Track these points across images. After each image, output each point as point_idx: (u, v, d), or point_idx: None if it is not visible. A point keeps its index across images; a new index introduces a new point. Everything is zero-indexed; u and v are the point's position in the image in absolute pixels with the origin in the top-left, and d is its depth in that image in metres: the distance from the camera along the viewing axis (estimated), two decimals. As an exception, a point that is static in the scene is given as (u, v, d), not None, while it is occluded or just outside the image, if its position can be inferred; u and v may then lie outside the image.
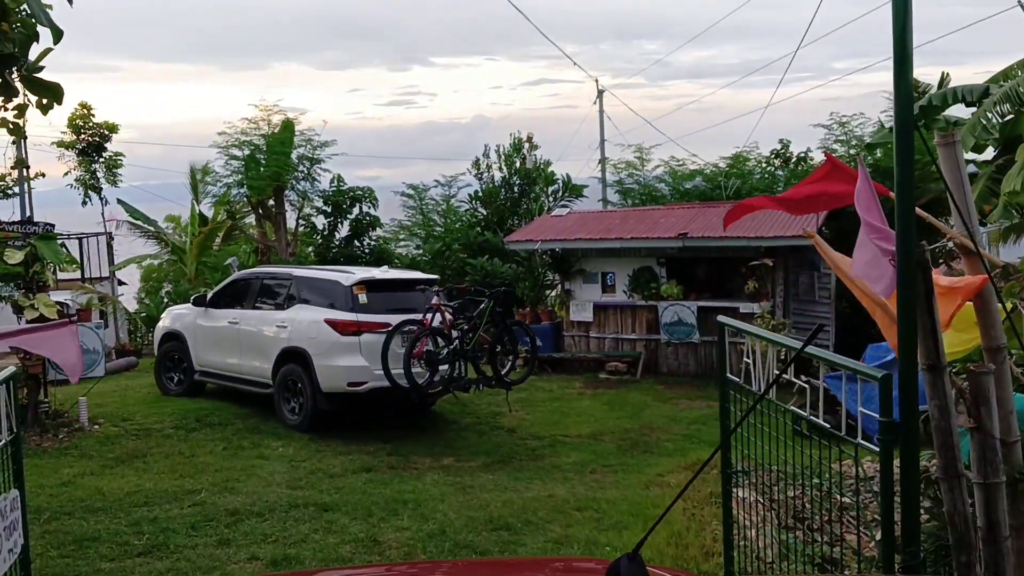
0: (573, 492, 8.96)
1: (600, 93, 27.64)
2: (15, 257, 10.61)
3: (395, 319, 10.99)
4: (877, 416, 3.55)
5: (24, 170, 11.01)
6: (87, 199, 21.48)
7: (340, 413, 11.42)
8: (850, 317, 16.92)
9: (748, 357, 4.80)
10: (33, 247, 10.81)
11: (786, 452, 4.96)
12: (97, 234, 22.32)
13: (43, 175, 11.37)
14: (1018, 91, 9.94)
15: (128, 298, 28.23)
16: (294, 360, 11.35)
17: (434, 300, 11.34)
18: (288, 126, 21.25)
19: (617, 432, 11.87)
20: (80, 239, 21.63)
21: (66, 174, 21.74)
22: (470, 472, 9.93)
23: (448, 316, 11.34)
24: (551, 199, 20.49)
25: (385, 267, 13.91)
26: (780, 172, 19.16)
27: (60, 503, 8.31)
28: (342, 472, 9.67)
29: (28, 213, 11.31)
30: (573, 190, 20.48)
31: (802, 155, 19.71)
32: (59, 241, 21.13)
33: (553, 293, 17.46)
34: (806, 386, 4.62)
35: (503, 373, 11.67)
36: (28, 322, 10.84)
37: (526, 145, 20.90)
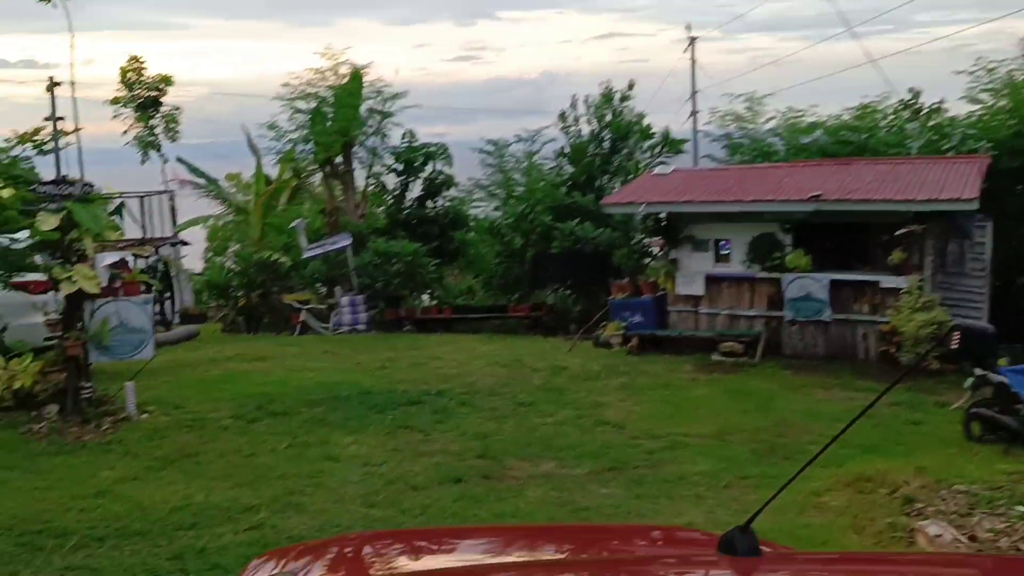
0: (712, 517, 7.21)
1: (692, 41, 25.39)
2: (49, 222, 9.12)
3: None
4: None
5: (55, 123, 9.45)
6: (146, 156, 20.23)
7: None
8: (1003, 292, 14.81)
9: None
10: (69, 211, 9.31)
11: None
12: (158, 192, 21.15)
13: (81, 129, 9.82)
14: None
15: (194, 259, 27.25)
16: None
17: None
18: (356, 77, 19.64)
19: (747, 431, 10.01)
20: (141, 198, 20.48)
21: (124, 132, 20.52)
22: (578, 483, 8.24)
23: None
24: (647, 155, 18.53)
25: None
26: (912, 124, 16.83)
27: (91, 523, 6.84)
28: (426, 483, 8.06)
29: (63, 172, 9.75)
30: (672, 145, 18.44)
31: (935, 106, 17.39)
32: (119, 201, 19.99)
33: (653, 262, 15.57)
34: None
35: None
36: (65, 298, 9.46)
37: (617, 95, 18.88)
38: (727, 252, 14.09)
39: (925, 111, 17.35)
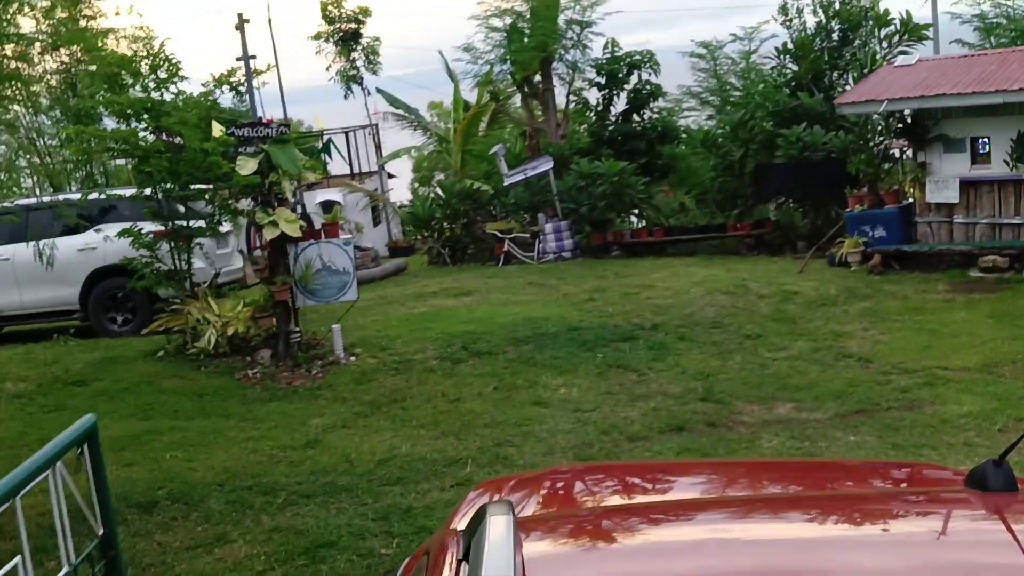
0: (989, 471, 5.95)
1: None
2: (248, 166, 8.99)
3: None
4: None
5: (247, 62, 9.20)
6: (349, 91, 20.38)
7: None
8: None
9: None
10: (267, 154, 9.13)
11: None
12: (362, 127, 21.34)
13: (271, 67, 9.55)
14: None
15: (401, 190, 27.68)
16: (116, 275, 11.75)
17: None
18: (553, -14, 18.57)
19: (1020, 362, 8.53)
20: (346, 134, 20.76)
21: (328, 67, 20.79)
22: (820, 429, 7.24)
23: None
24: (884, 45, 16.33)
25: None
26: None
27: (300, 477, 6.67)
28: (644, 431, 7.33)
29: (262, 112, 9.55)
30: (914, 32, 16.08)
31: None
32: (327, 138, 20.30)
33: (896, 168, 13.81)
34: None
35: None
36: (268, 242, 9.38)
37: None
38: (986, 152, 12.29)
39: None
